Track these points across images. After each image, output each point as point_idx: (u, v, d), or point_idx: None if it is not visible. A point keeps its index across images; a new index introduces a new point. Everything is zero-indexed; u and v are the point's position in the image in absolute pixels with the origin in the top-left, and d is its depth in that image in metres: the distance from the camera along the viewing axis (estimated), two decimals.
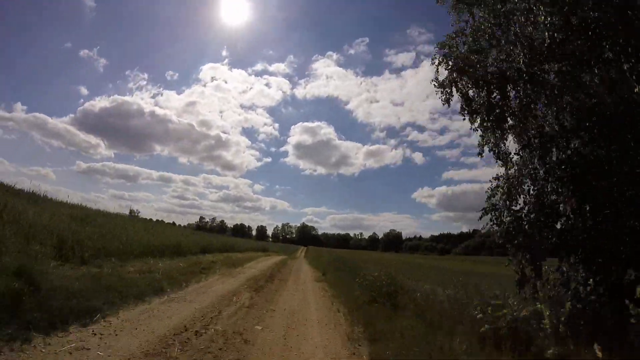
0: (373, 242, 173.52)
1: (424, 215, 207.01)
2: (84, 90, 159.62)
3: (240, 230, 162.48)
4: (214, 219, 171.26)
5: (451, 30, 5.99)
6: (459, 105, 5.94)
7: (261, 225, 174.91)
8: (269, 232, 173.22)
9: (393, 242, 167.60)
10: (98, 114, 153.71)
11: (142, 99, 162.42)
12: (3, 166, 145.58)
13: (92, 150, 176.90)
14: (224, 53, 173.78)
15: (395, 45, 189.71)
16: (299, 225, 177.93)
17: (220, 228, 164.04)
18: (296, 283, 12.27)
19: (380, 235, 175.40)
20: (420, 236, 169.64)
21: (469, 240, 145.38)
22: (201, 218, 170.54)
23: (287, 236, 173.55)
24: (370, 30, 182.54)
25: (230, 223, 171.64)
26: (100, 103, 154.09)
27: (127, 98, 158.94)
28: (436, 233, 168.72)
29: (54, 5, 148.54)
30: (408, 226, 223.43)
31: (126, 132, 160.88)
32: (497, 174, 5.55)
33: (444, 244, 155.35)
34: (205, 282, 9.65)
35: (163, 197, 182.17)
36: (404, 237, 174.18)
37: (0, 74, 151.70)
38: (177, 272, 9.70)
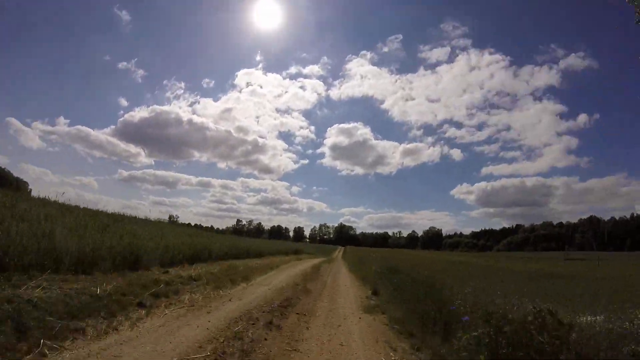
0: (412, 240, 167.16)
1: (462, 212, 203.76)
2: (124, 102, 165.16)
3: (277, 233, 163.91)
4: (250, 221, 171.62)
5: None
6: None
7: (298, 227, 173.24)
8: (307, 233, 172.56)
9: (433, 239, 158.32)
10: (138, 124, 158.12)
11: (180, 107, 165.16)
12: (48, 177, 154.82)
13: (132, 159, 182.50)
14: (258, 58, 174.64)
15: (430, 40, 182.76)
16: (336, 225, 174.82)
17: (257, 230, 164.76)
18: (329, 319, 6.53)
19: (420, 233, 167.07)
20: (461, 233, 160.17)
21: (511, 236, 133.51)
22: (238, 221, 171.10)
23: (325, 237, 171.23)
24: (404, 26, 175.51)
25: (267, 225, 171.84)
26: (140, 113, 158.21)
27: (165, 107, 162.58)
28: (476, 229, 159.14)
29: (91, 21, 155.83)
30: (446, 224, 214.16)
31: (165, 140, 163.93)
32: None
33: (485, 240, 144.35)
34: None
35: (202, 202, 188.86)
36: (443, 234, 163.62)
37: (43, 90, 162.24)
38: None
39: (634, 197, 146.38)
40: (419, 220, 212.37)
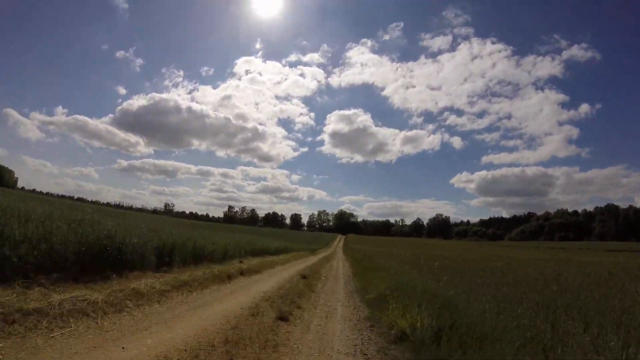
0: (417, 228, 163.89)
1: (462, 200, 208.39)
2: (122, 90, 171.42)
3: (273, 220, 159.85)
4: (244, 208, 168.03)
5: None
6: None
7: (295, 214, 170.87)
8: (304, 220, 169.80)
9: (440, 227, 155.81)
10: (136, 113, 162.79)
11: (179, 95, 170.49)
12: (47, 169, 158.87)
13: (131, 149, 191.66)
14: (258, 46, 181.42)
15: (431, 29, 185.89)
16: (335, 212, 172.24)
17: (251, 218, 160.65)
18: None
19: (425, 221, 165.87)
20: (468, 221, 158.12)
21: (524, 224, 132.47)
22: (230, 208, 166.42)
23: (324, 224, 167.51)
24: (405, 14, 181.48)
25: (262, 212, 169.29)
26: (138, 102, 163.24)
27: (164, 95, 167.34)
28: (475, 219, 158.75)
29: (88, 10, 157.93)
30: (446, 212, 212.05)
31: (164, 128, 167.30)
32: None
33: (495, 229, 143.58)
34: None
35: (202, 190, 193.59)
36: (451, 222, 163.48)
37: (41, 80, 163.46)
38: None
39: (633, 189, 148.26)
40: (419, 208, 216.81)
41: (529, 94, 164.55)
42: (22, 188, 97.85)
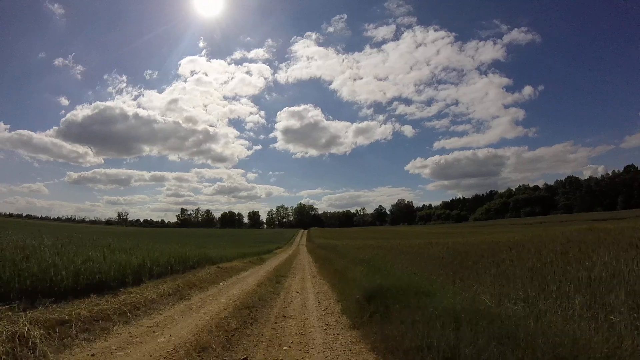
0: (380, 216, 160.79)
1: (419, 186, 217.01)
2: (65, 101, 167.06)
3: (230, 220, 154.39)
4: (197, 210, 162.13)
5: None
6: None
7: (253, 211, 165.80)
8: (263, 217, 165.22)
9: (404, 213, 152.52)
10: (82, 123, 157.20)
11: (124, 102, 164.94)
12: None
13: (81, 160, 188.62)
14: (201, 44, 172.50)
15: (375, 18, 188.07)
16: (295, 206, 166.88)
17: (206, 220, 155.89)
18: None
19: (388, 208, 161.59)
20: (430, 204, 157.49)
21: (487, 203, 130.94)
22: (183, 211, 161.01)
23: (284, 220, 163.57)
24: (348, 5, 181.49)
25: (218, 213, 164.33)
26: (83, 111, 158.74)
27: (108, 103, 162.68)
28: (436, 202, 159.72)
29: (22, 18, 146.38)
30: (406, 198, 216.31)
31: (112, 137, 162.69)
32: None
33: (459, 210, 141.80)
34: None
35: (158, 197, 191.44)
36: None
37: None
38: None
39: (581, 163, 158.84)
40: (377, 197, 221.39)
41: (473, 79, 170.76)
42: None
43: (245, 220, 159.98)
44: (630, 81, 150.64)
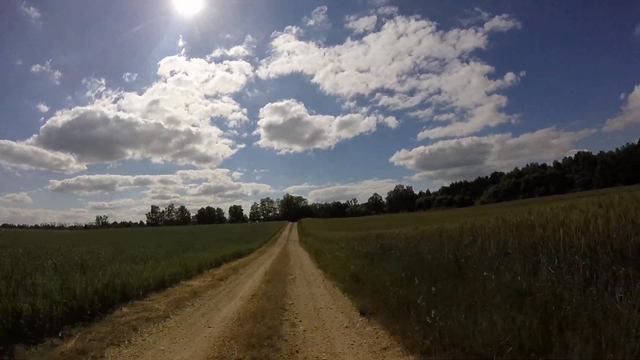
0: (376, 205, 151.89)
1: (404, 177, 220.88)
2: (44, 108, 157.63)
3: (208, 216, 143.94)
4: (171, 206, 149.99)
5: None
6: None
7: (235, 206, 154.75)
8: (246, 212, 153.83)
9: (403, 200, 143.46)
10: (62, 129, 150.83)
11: (104, 105, 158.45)
12: None
13: (63, 167, 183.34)
14: (180, 43, 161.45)
15: (355, 10, 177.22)
16: (281, 199, 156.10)
17: (180, 218, 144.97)
18: None
19: (385, 196, 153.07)
20: (428, 191, 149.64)
21: (495, 185, 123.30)
22: (153, 209, 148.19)
23: (270, 213, 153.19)
24: None
25: (194, 209, 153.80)
26: (62, 117, 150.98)
27: (88, 108, 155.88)
28: (435, 188, 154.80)
29: None
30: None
31: (94, 142, 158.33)
32: None
33: (461, 194, 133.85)
34: None
35: (143, 200, 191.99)
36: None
37: None
38: None
39: (564, 147, 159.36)
40: (364, 189, 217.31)
41: (455, 68, 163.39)
42: None
43: (227, 215, 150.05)
44: (610, 65, 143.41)
